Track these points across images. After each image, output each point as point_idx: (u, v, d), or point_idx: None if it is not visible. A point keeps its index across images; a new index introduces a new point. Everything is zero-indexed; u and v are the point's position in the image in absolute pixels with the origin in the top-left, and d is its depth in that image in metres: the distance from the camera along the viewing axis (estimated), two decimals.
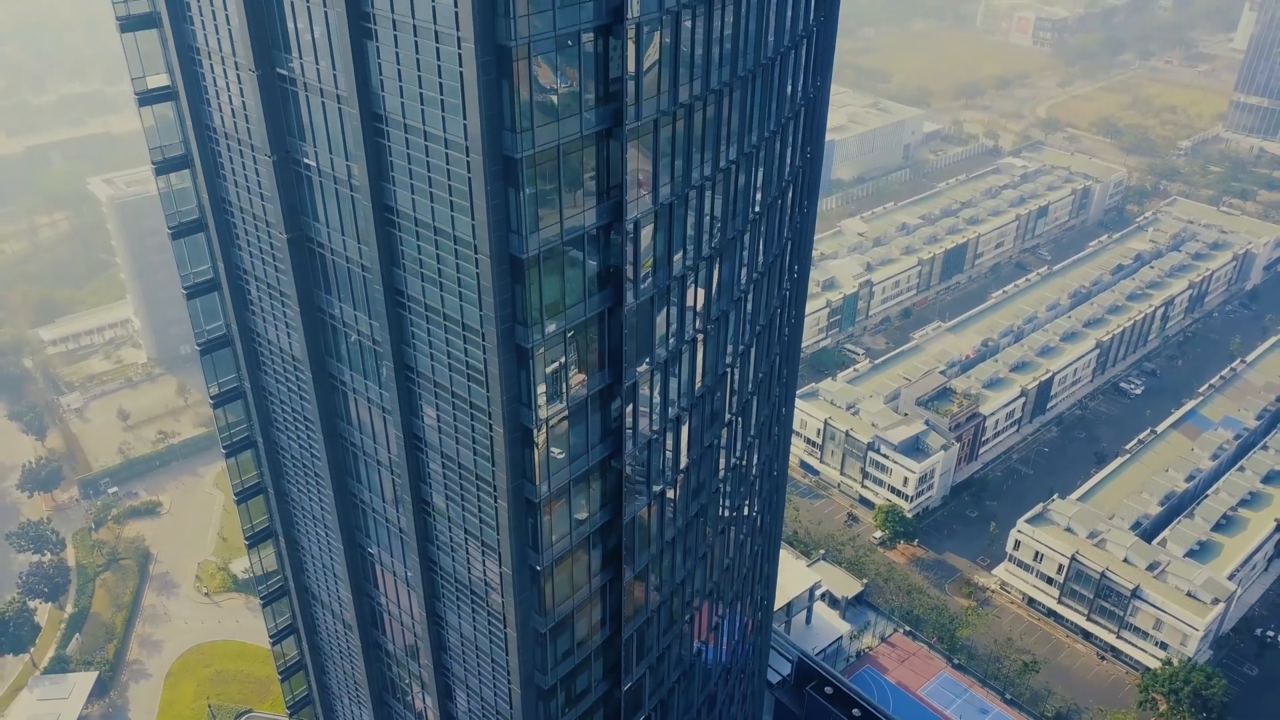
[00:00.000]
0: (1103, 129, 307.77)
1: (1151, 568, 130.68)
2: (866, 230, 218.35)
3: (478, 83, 35.04)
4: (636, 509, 53.15)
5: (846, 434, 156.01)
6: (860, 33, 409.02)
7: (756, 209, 56.14)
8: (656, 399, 51.78)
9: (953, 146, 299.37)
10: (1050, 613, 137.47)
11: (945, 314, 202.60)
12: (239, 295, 58.75)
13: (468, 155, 37.83)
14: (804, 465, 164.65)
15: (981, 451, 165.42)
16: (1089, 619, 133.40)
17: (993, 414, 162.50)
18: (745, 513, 71.64)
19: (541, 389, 44.01)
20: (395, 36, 38.88)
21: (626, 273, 44.09)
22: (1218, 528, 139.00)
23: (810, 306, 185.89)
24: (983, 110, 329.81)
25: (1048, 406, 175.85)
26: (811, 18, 58.65)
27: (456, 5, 34.39)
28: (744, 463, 67.99)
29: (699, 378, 55.87)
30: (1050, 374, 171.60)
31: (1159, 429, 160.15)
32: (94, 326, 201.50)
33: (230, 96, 50.35)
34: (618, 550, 53.10)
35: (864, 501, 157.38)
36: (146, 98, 53.61)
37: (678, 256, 48.67)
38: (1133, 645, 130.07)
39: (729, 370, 59.64)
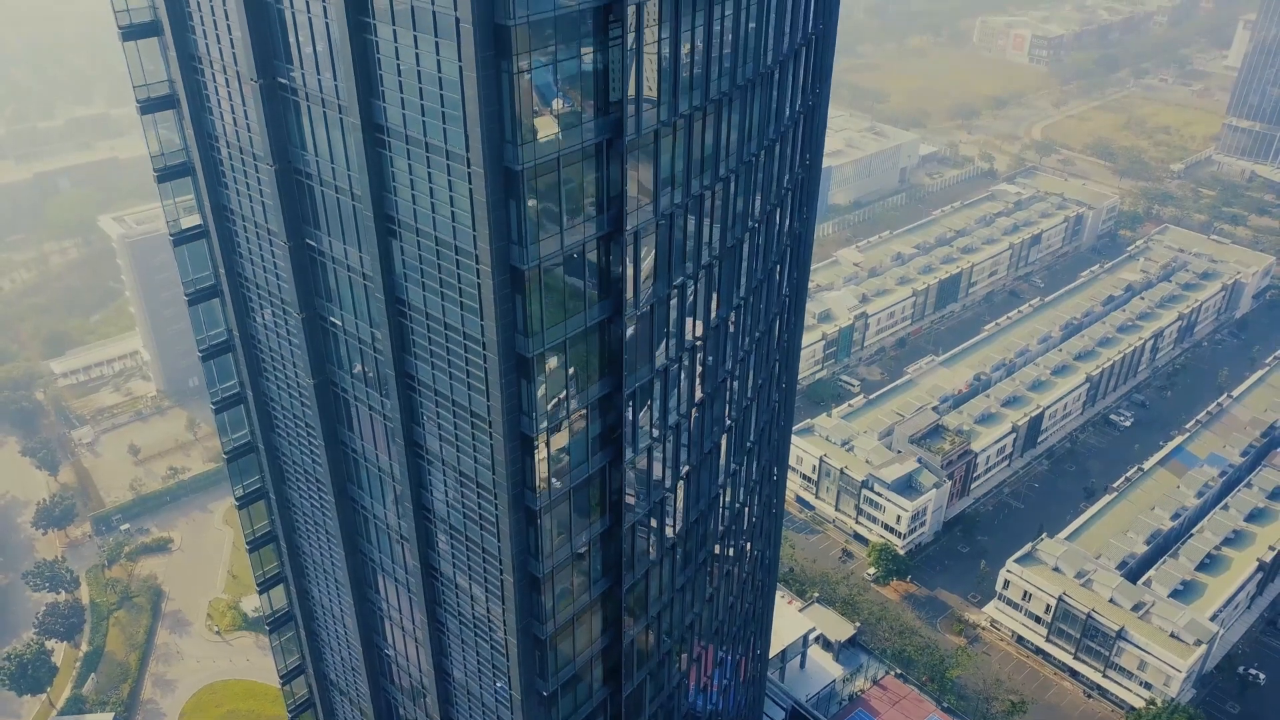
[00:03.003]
0: (1097, 151, 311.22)
1: (1136, 608, 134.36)
2: (862, 260, 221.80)
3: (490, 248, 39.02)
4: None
5: (841, 471, 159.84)
6: (858, 49, 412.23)
7: (745, 345, 59.84)
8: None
9: (948, 169, 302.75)
10: (1038, 650, 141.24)
11: (939, 345, 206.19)
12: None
13: (478, 264, 41.58)
14: (799, 500, 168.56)
15: (973, 486, 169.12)
16: (1076, 658, 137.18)
17: (984, 450, 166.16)
18: (742, 545, 74.04)
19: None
20: (410, 164, 42.70)
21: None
22: (1202, 567, 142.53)
23: (806, 339, 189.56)
24: (979, 131, 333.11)
25: (1038, 440, 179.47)
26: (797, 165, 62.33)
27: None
28: (737, 499, 70.64)
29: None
30: (1041, 409, 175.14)
31: (1146, 466, 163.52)
32: (104, 359, 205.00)
33: (249, 183, 53.84)
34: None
35: (858, 537, 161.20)
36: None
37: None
38: (1118, 684, 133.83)
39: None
